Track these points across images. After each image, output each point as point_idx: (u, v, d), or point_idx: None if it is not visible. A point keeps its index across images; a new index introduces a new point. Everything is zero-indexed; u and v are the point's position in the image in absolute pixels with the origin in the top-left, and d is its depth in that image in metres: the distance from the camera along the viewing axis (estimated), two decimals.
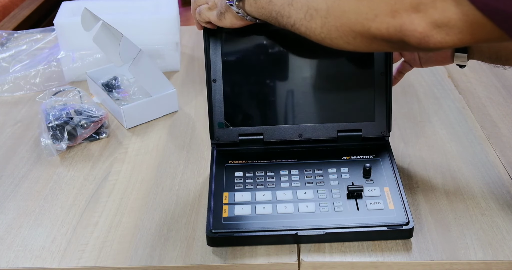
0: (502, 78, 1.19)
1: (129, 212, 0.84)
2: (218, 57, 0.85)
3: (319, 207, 0.77)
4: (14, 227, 0.82)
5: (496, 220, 0.80)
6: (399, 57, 0.93)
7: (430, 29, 0.54)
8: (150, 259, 0.76)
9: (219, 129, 0.86)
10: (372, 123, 0.87)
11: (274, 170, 0.83)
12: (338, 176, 0.82)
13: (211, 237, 0.75)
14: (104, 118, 1.01)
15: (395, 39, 0.57)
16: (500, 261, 0.74)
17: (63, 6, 1.23)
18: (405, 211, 0.77)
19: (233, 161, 0.85)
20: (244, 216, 0.76)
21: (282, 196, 0.79)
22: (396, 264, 0.74)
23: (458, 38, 0.53)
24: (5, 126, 1.08)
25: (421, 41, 0.55)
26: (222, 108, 0.86)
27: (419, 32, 0.54)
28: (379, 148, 0.87)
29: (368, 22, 0.58)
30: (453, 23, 0.52)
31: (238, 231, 0.75)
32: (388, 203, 0.78)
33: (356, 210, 0.77)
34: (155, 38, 1.20)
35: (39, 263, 0.76)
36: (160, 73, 1.06)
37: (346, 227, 0.75)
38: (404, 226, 0.75)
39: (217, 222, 0.75)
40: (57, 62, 1.22)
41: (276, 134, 0.87)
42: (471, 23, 0.52)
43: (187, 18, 2.19)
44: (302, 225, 0.75)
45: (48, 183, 0.91)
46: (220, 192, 0.80)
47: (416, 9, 0.54)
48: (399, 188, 0.80)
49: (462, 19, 0.52)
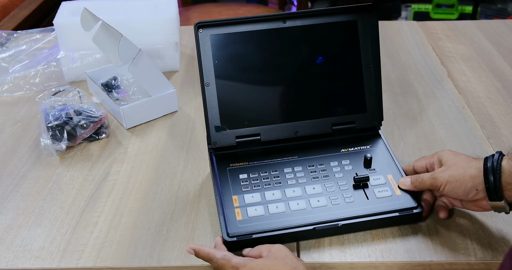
0: (502, 78, 1.19)
1: (128, 212, 0.84)
2: (210, 61, 0.84)
3: (330, 200, 0.79)
4: (13, 227, 0.82)
5: (496, 220, 0.80)
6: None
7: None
8: (149, 259, 0.76)
9: (216, 133, 0.85)
10: (365, 115, 0.89)
11: (277, 169, 0.84)
12: (341, 169, 0.84)
13: (230, 242, 0.74)
14: (103, 118, 1.01)
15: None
16: (500, 262, 0.74)
17: (63, 6, 1.23)
18: (412, 196, 0.79)
19: (234, 164, 0.84)
20: (258, 217, 0.77)
21: (291, 194, 0.80)
22: (396, 264, 0.74)
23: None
24: (4, 126, 1.07)
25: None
26: (217, 112, 0.85)
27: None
28: (373, 138, 0.89)
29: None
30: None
31: (256, 232, 0.75)
32: (394, 190, 0.81)
33: (366, 199, 0.79)
34: (154, 38, 1.20)
35: (39, 264, 0.76)
36: (159, 73, 1.06)
37: (360, 217, 0.77)
38: (414, 209, 0.78)
39: (233, 226, 0.75)
40: (57, 62, 1.22)
41: (273, 133, 0.87)
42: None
43: (187, 18, 2.19)
44: (317, 220, 0.76)
45: (47, 183, 0.91)
46: (228, 196, 0.79)
47: None
48: (402, 174, 0.83)
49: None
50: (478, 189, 0.73)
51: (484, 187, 0.72)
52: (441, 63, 1.26)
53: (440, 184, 0.76)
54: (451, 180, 0.75)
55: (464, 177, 0.74)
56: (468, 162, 0.76)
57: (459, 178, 0.75)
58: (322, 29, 0.86)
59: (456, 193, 0.76)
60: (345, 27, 0.87)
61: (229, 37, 0.84)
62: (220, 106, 0.85)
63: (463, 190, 0.74)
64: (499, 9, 2.75)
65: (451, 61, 1.27)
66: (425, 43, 1.36)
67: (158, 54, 1.22)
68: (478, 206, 0.77)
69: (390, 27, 1.46)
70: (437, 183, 0.77)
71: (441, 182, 0.76)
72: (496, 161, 0.72)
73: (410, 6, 2.83)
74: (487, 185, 0.72)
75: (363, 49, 0.87)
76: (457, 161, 0.77)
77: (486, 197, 0.73)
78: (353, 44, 0.87)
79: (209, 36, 0.83)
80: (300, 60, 0.86)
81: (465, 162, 0.76)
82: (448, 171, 0.76)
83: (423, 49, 1.34)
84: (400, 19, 2.83)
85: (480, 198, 0.74)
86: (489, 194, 0.72)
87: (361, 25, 0.87)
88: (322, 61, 0.87)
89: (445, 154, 0.80)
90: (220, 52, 0.84)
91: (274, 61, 0.86)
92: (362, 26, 0.87)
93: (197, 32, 0.82)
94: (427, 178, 0.78)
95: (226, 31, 0.83)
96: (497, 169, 0.71)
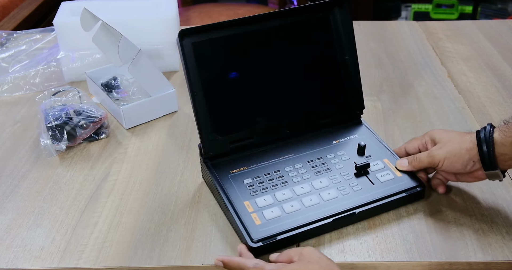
0: (502, 78, 1.19)
1: (128, 212, 0.84)
2: (195, 70, 0.81)
3: (339, 191, 0.81)
4: (13, 227, 0.82)
5: (496, 220, 0.80)
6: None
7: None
8: (149, 260, 0.76)
9: (210, 142, 0.83)
10: (347, 105, 0.92)
11: (278, 169, 0.84)
12: (340, 160, 0.86)
13: (256, 248, 0.74)
14: (103, 119, 1.01)
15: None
16: (499, 262, 0.74)
17: (63, 6, 1.23)
18: (411, 176, 0.83)
19: (234, 171, 0.83)
20: (276, 218, 0.77)
21: (301, 190, 0.81)
22: (396, 264, 0.74)
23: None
24: (4, 126, 1.07)
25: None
26: (208, 121, 0.83)
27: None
28: (358, 127, 0.92)
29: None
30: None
31: (279, 233, 0.75)
32: (395, 172, 0.84)
33: (371, 185, 0.82)
34: (154, 38, 1.20)
35: (38, 264, 0.76)
36: (159, 73, 1.06)
37: (372, 202, 0.80)
38: (417, 188, 0.82)
39: (255, 231, 0.75)
40: (57, 62, 1.22)
41: (265, 134, 0.87)
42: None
43: (187, 18, 2.19)
44: (333, 211, 0.78)
45: (47, 184, 0.91)
46: (239, 202, 0.79)
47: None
48: (396, 157, 0.86)
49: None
50: (474, 161, 0.77)
51: (479, 158, 0.76)
52: (441, 63, 1.26)
53: (438, 161, 0.80)
54: (448, 155, 0.79)
55: (460, 151, 0.78)
56: (461, 137, 0.80)
57: (456, 153, 0.78)
58: (298, 27, 0.87)
59: (455, 167, 0.79)
60: (319, 23, 0.88)
61: (210, 43, 0.82)
62: (210, 114, 0.82)
63: (461, 163, 0.78)
64: (499, 9, 2.75)
65: (451, 61, 1.27)
66: (425, 43, 1.36)
67: (158, 54, 1.22)
68: (474, 177, 0.80)
69: (390, 27, 1.46)
70: (435, 161, 0.80)
71: (439, 159, 0.80)
72: (488, 133, 0.76)
73: (410, 6, 2.83)
74: (482, 156, 0.76)
75: (337, 42, 0.89)
76: (451, 137, 0.81)
77: (482, 167, 0.77)
78: (328, 38, 0.89)
79: (191, 44, 0.80)
80: (280, 60, 0.87)
81: (459, 137, 0.80)
82: (444, 148, 0.80)
83: (423, 49, 1.34)
84: (400, 19, 2.83)
85: (476, 169, 0.78)
86: (484, 164, 0.76)
87: (333, 19, 0.88)
88: (302, 58, 0.88)
89: (437, 132, 0.84)
90: (204, 59, 0.81)
91: (256, 63, 0.85)
92: (335, 19, 0.88)
93: (181, 41, 0.79)
94: (424, 157, 0.82)
95: (206, 37, 0.81)
96: (490, 140, 0.75)
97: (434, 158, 0.80)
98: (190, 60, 0.80)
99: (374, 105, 1.10)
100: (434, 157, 0.80)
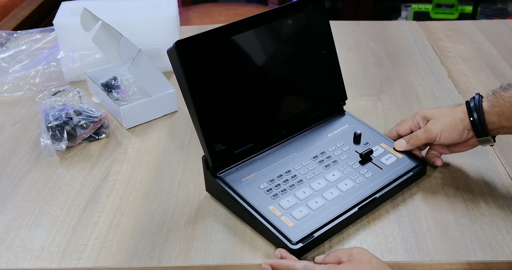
0: (502, 78, 1.19)
1: (128, 212, 0.84)
2: (194, 81, 0.76)
3: (354, 180, 0.83)
4: (13, 227, 0.82)
5: (496, 220, 0.80)
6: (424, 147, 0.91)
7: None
8: (149, 260, 0.76)
9: (217, 154, 0.80)
10: (332, 98, 0.94)
11: (289, 169, 0.84)
12: (341, 151, 0.88)
13: (299, 249, 0.73)
14: (103, 118, 1.01)
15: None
16: (500, 261, 0.74)
17: (63, 6, 1.23)
18: (410, 155, 0.88)
19: (246, 178, 0.82)
20: (306, 216, 0.77)
21: (318, 186, 0.82)
22: (396, 264, 0.74)
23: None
24: (4, 127, 1.07)
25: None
26: (211, 131, 0.79)
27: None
28: (344, 118, 0.95)
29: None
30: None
31: (315, 230, 0.75)
32: (395, 154, 0.88)
33: (380, 170, 0.85)
34: (154, 38, 1.20)
35: (39, 264, 0.76)
36: (159, 73, 1.06)
37: (387, 185, 0.83)
38: (420, 165, 0.86)
39: (292, 233, 0.75)
40: (57, 62, 1.22)
41: (264, 137, 0.87)
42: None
43: (187, 18, 2.19)
44: (356, 200, 0.80)
45: (47, 184, 0.91)
46: (265, 208, 0.78)
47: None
48: (390, 140, 0.90)
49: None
50: (468, 129, 0.83)
51: (471, 126, 0.82)
52: (441, 63, 1.26)
53: (436, 135, 0.84)
54: (444, 128, 0.84)
55: (455, 122, 0.83)
56: (452, 109, 0.85)
57: (451, 125, 0.83)
58: (279, 28, 0.87)
59: (452, 138, 0.84)
60: (297, 21, 0.88)
61: (200, 58, 0.78)
62: (213, 124, 0.80)
63: (457, 133, 0.83)
64: (499, 9, 2.75)
65: (451, 61, 1.27)
66: (425, 43, 1.36)
67: (158, 54, 1.22)
68: (467, 145, 0.86)
69: (390, 27, 1.46)
70: (432, 135, 0.85)
71: (436, 133, 0.84)
72: (477, 101, 0.81)
73: (410, 6, 2.83)
74: (473, 124, 0.81)
75: (315, 38, 0.90)
76: (443, 112, 0.86)
77: (475, 135, 0.82)
78: (307, 35, 0.90)
79: (184, 55, 0.75)
80: (268, 62, 0.87)
81: (450, 110, 0.85)
82: (438, 122, 0.85)
83: (423, 49, 1.34)
84: (400, 19, 2.83)
85: (470, 137, 0.84)
86: (476, 131, 0.82)
87: (310, 15, 0.89)
88: (287, 57, 0.89)
89: (427, 110, 0.89)
90: (200, 68, 0.78)
91: (246, 67, 0.84)
92: (311, 16, 0.89)
93: (179, 53, 0.74)
94: (421, 133, 0.86)
95: (198, 46, 0.77)
96: (480, 109, 0.81)
97: (431, 133, 0.84)
98: (188, 72, 0.76)
99: (374, 105, 1.10)
100: (431, 132, 0.84)
